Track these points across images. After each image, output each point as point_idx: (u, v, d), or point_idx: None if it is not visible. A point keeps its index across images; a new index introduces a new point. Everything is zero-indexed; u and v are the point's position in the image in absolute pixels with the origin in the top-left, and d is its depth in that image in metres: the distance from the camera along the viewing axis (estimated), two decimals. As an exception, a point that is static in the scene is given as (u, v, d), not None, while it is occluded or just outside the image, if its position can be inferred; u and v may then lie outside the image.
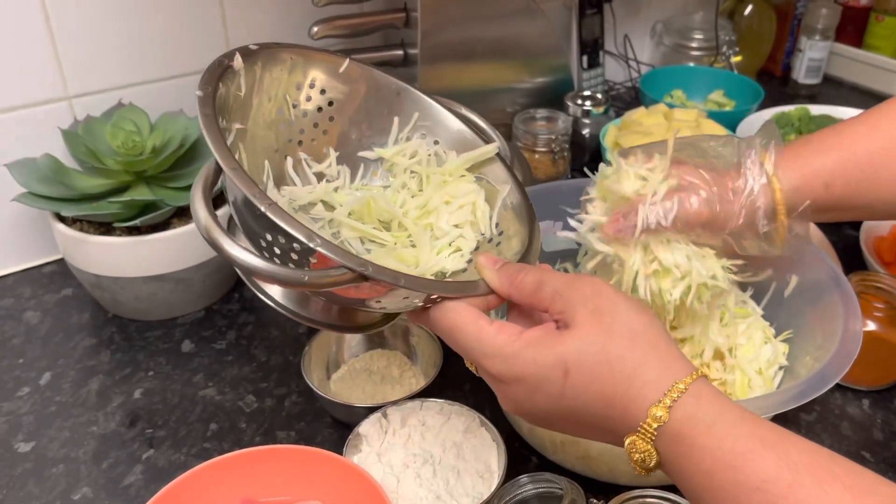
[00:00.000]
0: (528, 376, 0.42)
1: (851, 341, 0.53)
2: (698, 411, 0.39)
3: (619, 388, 0.40)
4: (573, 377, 0.40)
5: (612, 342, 0.41)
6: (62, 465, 0.61)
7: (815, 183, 0.54)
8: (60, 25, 0.75)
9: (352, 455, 0.57)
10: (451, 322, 0.44)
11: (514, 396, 0.43)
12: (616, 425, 0.41)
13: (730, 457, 0.37)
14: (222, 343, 0.73)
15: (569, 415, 0.42)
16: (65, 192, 0.71)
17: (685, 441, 0.38)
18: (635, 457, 0.40)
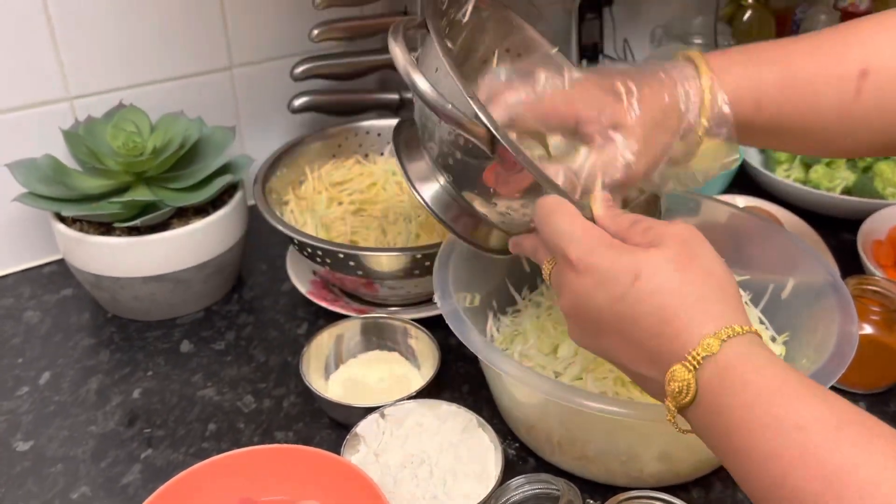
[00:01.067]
0: (600, 269, 0.42)
1: (847, 344, 0.53)
2: (750, 352, 0.38)
3: (680, 310, 0.40)
4: (641, 283, 0.40)
5: (689, 270, 0.41)
6: (61, 464, 0.61)
7: (747, 98, 0.51)
8: (62, 26, 0.75)
9: (349, 455, 0.57)
10: (555, 205, 0.46)
11: (577, 287, 0.43)
12: (662, 348, 0.40)
13: (776, 396, 0.36)
14: (221, 344, 0.74)
15: (620, 321, 0.41)
16: (65, 192, 0.72)
17: (730, 374, 0.38)
18: (672, 386, 0.39)
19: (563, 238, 0.44)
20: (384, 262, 0.68)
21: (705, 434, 0.40)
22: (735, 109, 0.51)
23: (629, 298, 0.41)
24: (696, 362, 0.38)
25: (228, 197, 0.75)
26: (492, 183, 0.50)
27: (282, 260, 0.82)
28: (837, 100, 0.51)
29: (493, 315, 0.67)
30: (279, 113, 0.91)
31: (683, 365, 0.39)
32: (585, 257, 0.43)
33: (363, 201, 0.81)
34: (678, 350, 0.39)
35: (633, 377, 0.44)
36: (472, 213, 0.54)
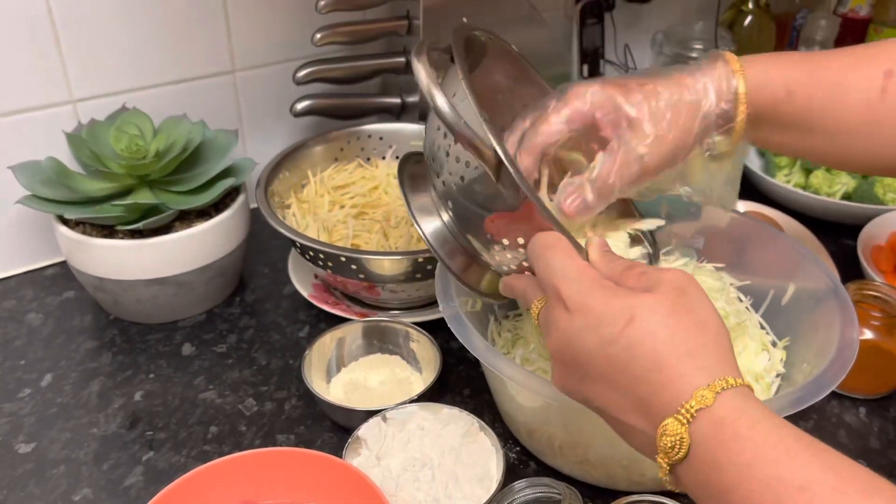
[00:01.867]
0: (593, 310, 0.41)
1: (848, 349, 0.53)
2: (745, 406, 0.37)
3: (672, 358, 0.39)
4: (634, 327, 0.39)
5: (685, 317, 0.40)
6: (63, 466, 0.61)
7: (779, 86, 0.52)
8: (66, 30, 0.75)
9: (351, 458, 0.57)
10: (552, 241, 0.45)
11: (566, 327, 0.42)
12: (653, 397, 0.39)
13: (774, 453, 0.35)
14: (223, 346, 0.74)
15: (610, 365, 0.40)
16: (68, 194, 0.72)
17: (727, 429, 0.37)
18: (664, 441, 0.38)
19: (557, 275, 0.44)
20: (386, 266, 0.68)
21: (699, 490, 0.38)
22: (765, 94, 0.52)
23: (621, 342, 0.40)
24: (690, 415, 0.37)
25: (231, 200, 0.76)
26: (493, 228, 0.50)
27: (283, 263, 0.82)
28: (865, 97, 0.52)
29: (494, 319, 0.67)
30: (282, 116, 0.91)
31: (676, 418, 0.38)
32: (578, 296, 0.42)
33: (365, 205, 0.81)
34: (670, 401, 0.38)
35: (619, 428, 0.43)
36: (468, 252, 0.56)
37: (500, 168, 0.47)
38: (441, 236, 0.57)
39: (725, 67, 0.53)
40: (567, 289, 0.43)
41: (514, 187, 0.47)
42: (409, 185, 0.59)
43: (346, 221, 0.77)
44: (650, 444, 0.40)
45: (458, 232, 0.55)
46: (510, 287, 0.52)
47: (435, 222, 0.57)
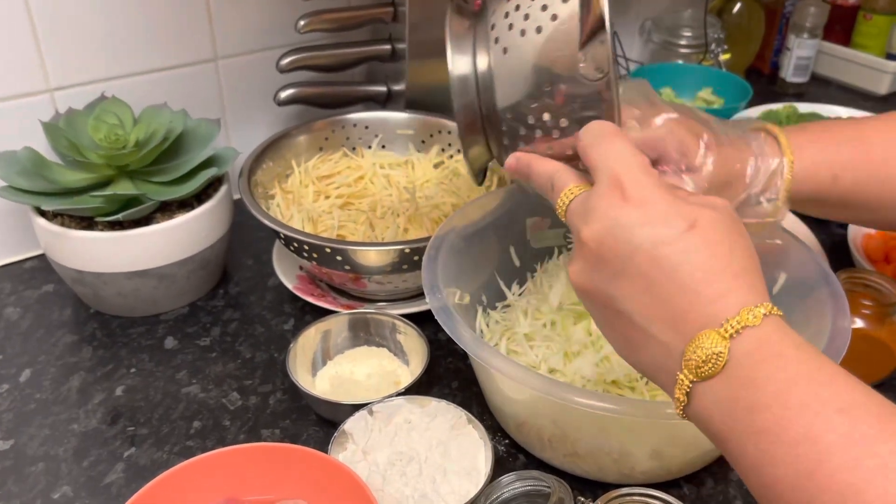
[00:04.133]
0: (655, 206, 0.38)
1: (840, 339, 0.53)
2: (787, 330, 0.36)
3: (726, 272, 0.37)
4: (696, 233, 0.37)
5: (740, 240, 0.39)
6: (42, 463, 0.60)
7: (825, 172, 0.53)
8: (42, 16, 0.73)
9: (337, 453, 0.56)
10: (616, 130, 0.43)
11: (618, 215, 0.39)
12: (694, 308, 0.37)
13: (817, 373, 0.34)
14: (206, 340, 0.72)
15: (657, 266, 0.37)
16: (46, 185, 0.70)
17: (771, 347, 0.35)
18: (698, 354, 0.36)
19: (622, 163, 0.40)
20: (372, 257, 0.67)
21: (719, 411, 0.36)
22: (812, 182, 0.53)
23: (678, 245, 0.37)
24: (735, 331, 0.35)
25: (213, 191, 0.74)
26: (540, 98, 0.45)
27: (268, 255, 0.80)
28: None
29: (482, 310, 0.66)
30: (265, 105, 0.89)
31: (718, 332, 0.35)
32: (641, 188, 0.39)
33: (351, 195, 0.80)
34: (712, 314, 0.36)
35: (635, 337, 0.40)
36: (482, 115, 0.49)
37: (597, 33, 0.42)
38: (465, 84, 0.49)
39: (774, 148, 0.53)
40: (630, 178, 0.40)
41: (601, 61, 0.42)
42: (456, 13, 0.50)
43: (332, 212, 0.76)
44: (667, 358, 0.38)
45: (488, 86, 0.48)
46: (530, 165, 0.47)
47: (467, 65, 0.48)
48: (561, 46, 0.44)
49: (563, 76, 0.44)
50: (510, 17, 0.45)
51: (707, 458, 0.57)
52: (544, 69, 0.44)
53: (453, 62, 0.48)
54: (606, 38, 0.42)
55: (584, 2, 0.42)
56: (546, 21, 0.44)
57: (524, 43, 0.45)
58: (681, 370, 0.37)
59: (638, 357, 0.40)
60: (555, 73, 0.44)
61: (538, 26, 0.44)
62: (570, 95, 0.44)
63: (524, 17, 0.45)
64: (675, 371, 0.37)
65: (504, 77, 0.46)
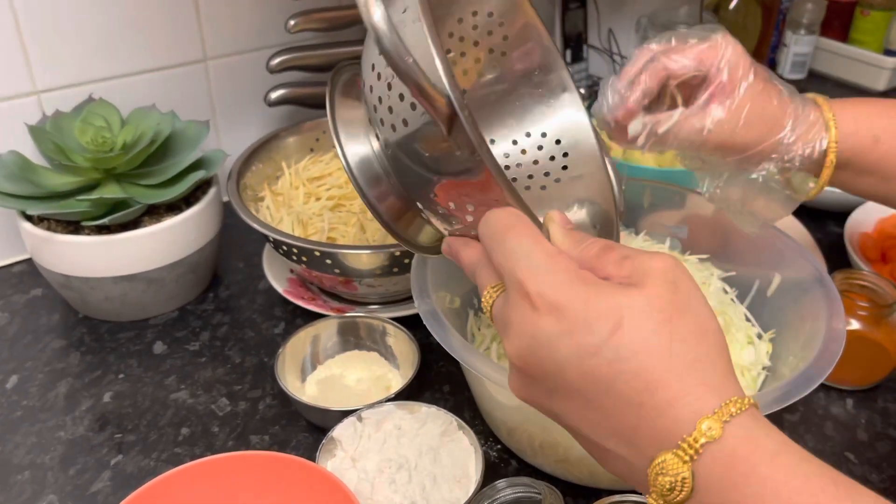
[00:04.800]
0: (569, 312, 0.33)
1: (835, 341, 0.52)
2: (759, 435, 0.31)
3: (671, 375, 0.32)
4: (622, 335, 0.32)
5: (681, 323, 0.33)
6: (28, 471, 0.59)
7: (867, 133, 0.52)
8: (28, 17, 0.72)
9: (326, 460, 0.55)
10: (512, 220, 0.37)
11: (533, 331, 0.34)
12: (643, 423, 0.32)
13: (798, 497, 0.29)
14: (196, 344, 0.72)
15: (589, 382, 0.33)
16: (32, 189, 0.69)
17: (740, 466, 0.30)
18: (661, 481, 0.31)
19: (521, 264, 0.35)
20: (362, 260, 0.66)
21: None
22: (852, 141, 0.52)
23: (604, 354, 0.32)
24: (694, 451, 0.31)
25: (202, 193, 0.73)
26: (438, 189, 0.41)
27: (259, 257, 0.80)
28: None
29: (473, 314, 0.65)
30: (256, 106, 0.88)
31: (676, 454, 0.31)
32: (549, 293, 0.34)
33: (342, 197, 0.79)
34: (666, 430, 0.31)
35: (596, 452, 0.36)
36: (403, 196, 0.45)
37: (454, 122, 0.36)
38: (369, 170, 0.44)
39: (817, 111, 0.53)
40: (534, 283, 0.34)
41: (469, 147, 0.37)
42: (341, 99, 0.46)
43: (322, 214, 0.75)
44: (635, 474, 0.34)
45: (392, 173, 0.44)
46: (456, 255, 0.44)
47: (363, 149, 0.44)
48: (430, 137, 0.39)
49: (447, 167, 0.39)
50: (378, 110, 0.41)
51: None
52: (424, 163, 0.40)
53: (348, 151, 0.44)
54: (461, 122, 0.36)
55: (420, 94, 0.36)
56: (408, 112, 0.39)
57: (399, 138, 0.40)
58: (649, 494, 0.33)
59: (610, 468, 0.36)
60: (435, 164, 0.40)
61: (403, 119, 0.39)
62: (459, 183, 0.40)
63: (388, 109, 0.40)
64: (645, 490, 0.33)
65: (396, 171, 0.43)
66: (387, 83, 0.39)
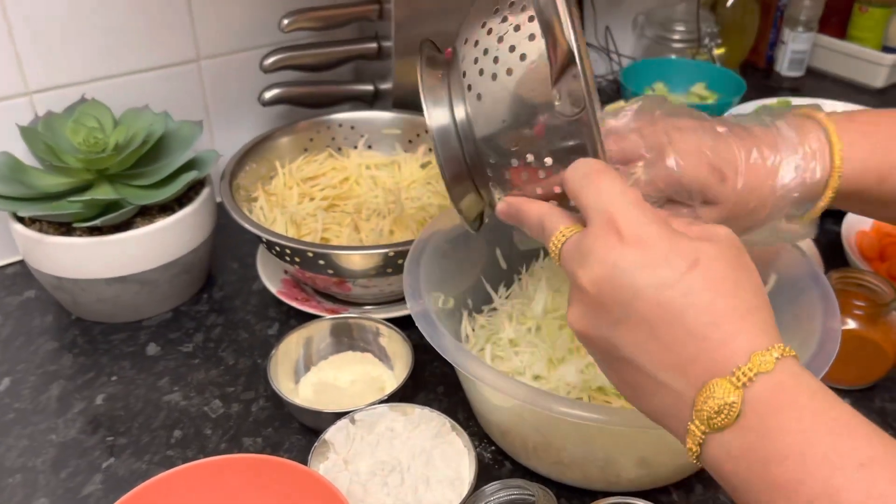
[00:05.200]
0: (654, 246, 0.36)
1: (830, 341, 0.51)
2: (801, 375, 0.34)
3: (734, 314, 0.35)
4: (698, 273, 0.35)
5: (744, 276, 0.36)
6: (19, 474, 0.59)
7: (872, 173, 0.50)
8: (20, 18, 0.72)
9: (318, 463, 0.55)
10: (603, 167, 0.40)
11: (617, 259, 0.36)
12: (701, 353, 0.35)
13: (835, 424, 0.32)
14: (189, 346, 0.71)
15: (660, 311, 0.35)
16: (23, 190, 0.69)
17: (785, 395, 0.33)
18: (710, 405, 0.33)
19: (614, 201, 0.38)
20: (355, 261, 0.66)
21: (734, 461, 0.34)
22: (856, 183, 0.50)
23: (680, 287, 0.35)
24: (748, 379, 0.33)
25: (195, 194, 0.73)
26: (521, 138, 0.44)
27: (253, 258, 0.79)
28: None
29: (467, 314, 0.65)
30: (249, 106, 0.88)
31: (729, 380, 0.34)
32: (637, 228, 0.37)
33: (336, 197, 0.79)
34: (722, 360, 0.34)
35: (642, 384, 0.38)
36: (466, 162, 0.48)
37: (568, 68, 0.40)
38: (446, 134, 0.47)
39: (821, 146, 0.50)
40: (625, 217, 0.37)
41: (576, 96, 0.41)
42: (428, 65, 0.49)
43: (316, 214, 0.75)
44: (677, 406, 0.36)
45: (468, 134, 0.46)
46: (520, 210, 0.45)
47: (445, 116, 0.47)
48: (533, 86, 0.42)
49: (540, 115, 0.43)
50: (480, 62, 0.44)
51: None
52: (520, 110, 0.43)
53: (431, 115, 0.47)
54: (579, 72, 0.41)
55: (550, 38, 0.41)
56: (515, 62, 0.43)
57: (497, 87, 0.44)
58: (692, 420, 0.35)
59: (646, 404, 0.38)
60: (531, 112, 0.43)
61: (508, 68, 0.43)
62: (549, 134, 0.43)
63: (493, 60, 0.44)
64: (686, 420, 0.35)
65: (482, 123, 0.45)
66: (497, 37, 0.43)
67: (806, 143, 0.50)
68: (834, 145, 0.49)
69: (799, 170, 0.50)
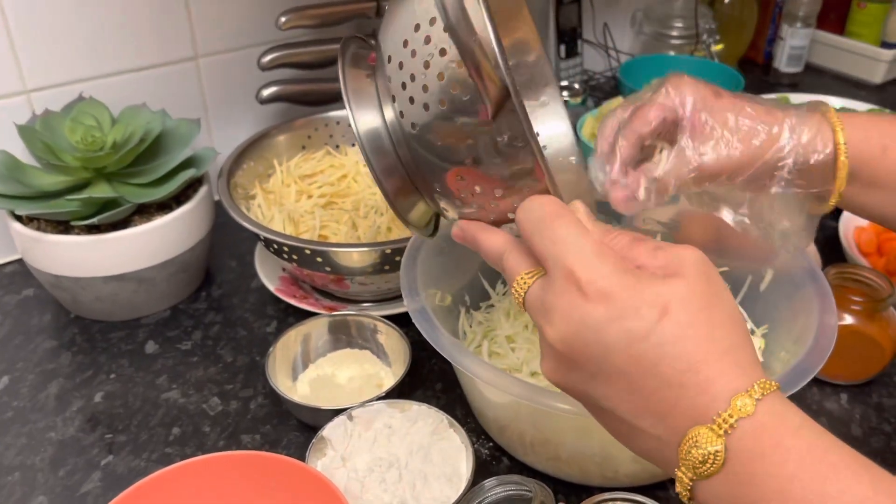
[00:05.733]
0: (618, 300, 0.35)
1: (826, 337, 0.52)
2: (784, 412, 0.34)
3: (710, 357, 0.34)
4: (669, 321, 0.34)
5: (717, 311, 0.35)
6: (18, 472, 0.59)
7: (876, 142, 0.50)
8: (16, 16, 0.72)
9: (316, 460, 0.55)
10: (558, 209, 0.38)
11: (582, 317, 0.35)
12: (681, 401, 0.34)
13: (820, 465, 0.32)
14: (188, 343, 0.71)
15: (634, 365, 0.35)
16: (21, 189, 0.69)
17: (768, 438, 0.33)
18: (694, 454, 0.33)
19: (570, 251, 0.36)
20: (353, 258, 0.66)
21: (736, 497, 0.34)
22: (861, 150, 0.50)
23: (653, 339, 0.34)
24: (729, 426, 0.33)
25: (193, 192, 0.73)
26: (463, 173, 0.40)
27: (251, 256, 0.79)
28: None
29: (465, 311, 0.65)
30: (247, 104, 0.88)
31: (711, 429, 0.33)
32: (600, 281, 0.35)
33: (334, 194, 0.79)
34: (702, 407, 0.34)
35: (624, 432, 0.38)
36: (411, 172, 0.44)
37: (504, 106, 0.37)
38: (377, 141, 0.43)
39: (819, 116, 0.51)
40: (584, 270, 0.36)
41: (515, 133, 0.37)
42: (351, 64, 0.45)
43: (314, 212, 0.75)
44: (665, 451, 0.36)
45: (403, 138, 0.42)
46: (474, 239, 0.44)
47: (374, 119, 0.43)
48: (468, 121, 0.39)
49: (483, 150, 0.39)
50: (408, 88, 0.40)
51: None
52: (460, 145, 0.40)
53: (358, 119, 0.43)
54: (514, 107, 0.37)
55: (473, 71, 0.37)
56: (446, 92, 0.39)
57: (430, 119, 0.40)
58: (678, 467, 0.35)
59: (634, 447, 0.38)
60: (472, 148, 0.39)
61: (440, 99, 0.39)
62: (494, 171, 0.40)
63: (422, 88, 0.39)
64: (673, 465, 0.35)
65: (420, 153, 0.42)
66: (423, 61, 0.39)
67: (811, 120, 0.51)
68: (836, 125, 0.50)
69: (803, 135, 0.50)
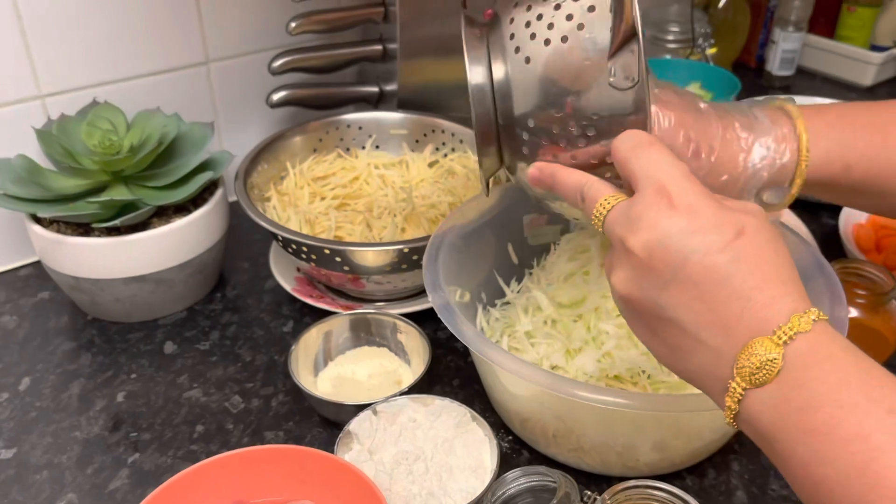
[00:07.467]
0: (703, 214, 0.39)
1: (838, 328, 0.53)
2: (836, 335, 0.37)
3: (776, 279, 0.37)
4: (744, 241, 0.38)
5: (783, 250, 0.39)
6: (46, 471, 0.59)
7: (838, 162, 0.53)
8: (32, 22, 0.73)
9: (343, 453, 0.56)
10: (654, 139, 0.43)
11: (667, 225, 0.39)
12: (745, 314, 0.37)
13: (866, 375, 0.35)
14: (206, 343, 0.72)
15: (708, 274, 0.38)
16: (40, 192, 0.70)
17: (821, 351, 0.36)
18: (752, 361, 0.36)
19: (664, 170, 0.40)
20: (371, 257, 0.67)
21: (769, 413, 0.36)
22: (823, 171, 0.53)
23: (728, 253, 0.38)
24: (788, 337, 0.36)
25: (209, 194, 0.74)
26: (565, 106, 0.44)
27: (264, 257, 0.80)
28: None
29: (482, 308, 0.66)
30: (258, 108, 0.89)
31: (771, 339, 0.36)
32: (688, 196, 0.39)
33: (346, 196, 0.80)
34: (765, 320, 0.37)
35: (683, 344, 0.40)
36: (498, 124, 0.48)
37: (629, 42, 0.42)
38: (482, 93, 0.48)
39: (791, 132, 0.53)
40: (676, 186, 0.40)
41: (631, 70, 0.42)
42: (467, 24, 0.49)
43: (328, 213, 0.76)
44: (717, 365, 0.38)
45: (507, 95, 0.47)
46: (555, 176, 0.47)
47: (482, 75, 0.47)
48: (588, 56, 0.43)
49: (591, 86, 0.44)
50: (532, 26, 0.45)
51: (709, 448, 0.58)
52: (570, 79, 0.44)
53: (471, 71, 0.47)
54: (636, 47, 0.42)
55: (617, 10, 0.42)
56: (572, 30, 0.44)
57: (548, 52, 0.44)
58: (733, 378, 0.37)
59: (685, 365, 0.40)
60: (582, 82, 0.44)
61: (563, 36, 0.44)
62: (598, 105, 0.44)
63: (548, 26, 0.45)
64: (727, 378, 0.38)
65: (526, 87, 0.46)
66: (554, 4, 0.44)
67: (777, 129, 0.53)
68: (801, 135, 0.53)
69: (770, 150, 0.53)
